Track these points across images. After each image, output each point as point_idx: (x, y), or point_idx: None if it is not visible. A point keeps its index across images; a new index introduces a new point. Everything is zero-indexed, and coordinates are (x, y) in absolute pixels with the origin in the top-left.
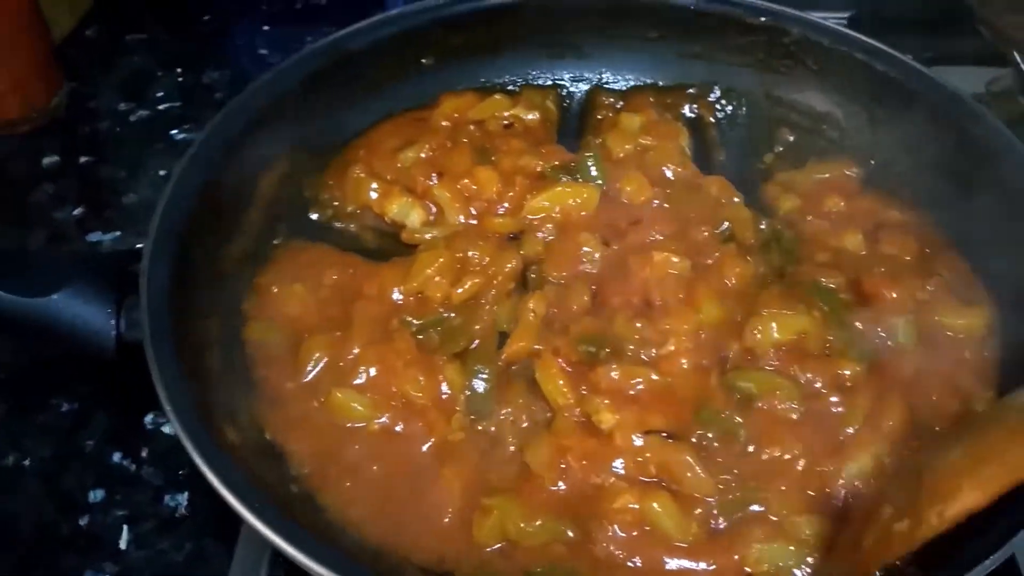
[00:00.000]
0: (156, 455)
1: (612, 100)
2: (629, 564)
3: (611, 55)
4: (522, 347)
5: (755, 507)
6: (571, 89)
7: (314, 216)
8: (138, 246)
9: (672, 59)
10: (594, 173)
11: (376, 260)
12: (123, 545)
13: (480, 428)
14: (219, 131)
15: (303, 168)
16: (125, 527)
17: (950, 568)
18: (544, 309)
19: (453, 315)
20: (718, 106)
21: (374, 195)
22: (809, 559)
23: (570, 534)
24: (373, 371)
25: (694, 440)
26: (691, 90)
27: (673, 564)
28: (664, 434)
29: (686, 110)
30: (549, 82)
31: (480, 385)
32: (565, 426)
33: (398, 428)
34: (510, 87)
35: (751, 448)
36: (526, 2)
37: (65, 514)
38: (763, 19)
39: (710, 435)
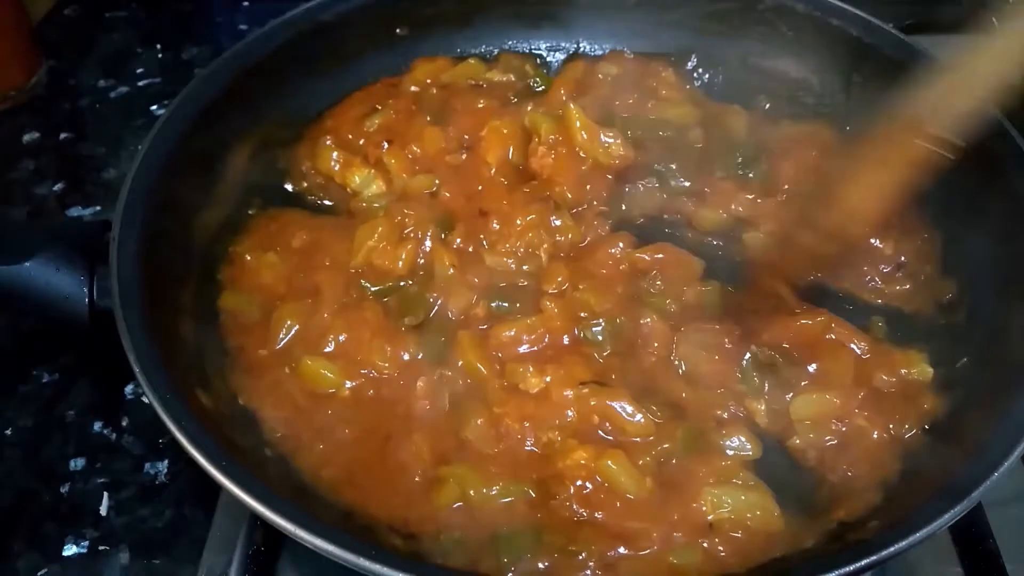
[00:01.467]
0: (136, 424)
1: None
2: (592, 520)
3: (588, 24)
4: (464, 305)
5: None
6: (548, 59)
7: (289, 187)
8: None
9: (649, 27)
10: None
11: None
12: (104, 512)
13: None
14: (189, 101)
15: (278, 139)
16: (106, 494)
17: (911, 521)
18: (456, 258)
19: (409, 283)
20: (695, 74)
21: (336, 166)
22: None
23: (531, 493)
24: (343, 338)
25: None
26: (668, 58)
27: (635, 520)
28: (596, 382)
29: None
30: (526, 51)
31: (441, 354)
32: (496, 396)
33: (369, 393)
34: (487, 57)
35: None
36: None
37: (47, 482)
38: None
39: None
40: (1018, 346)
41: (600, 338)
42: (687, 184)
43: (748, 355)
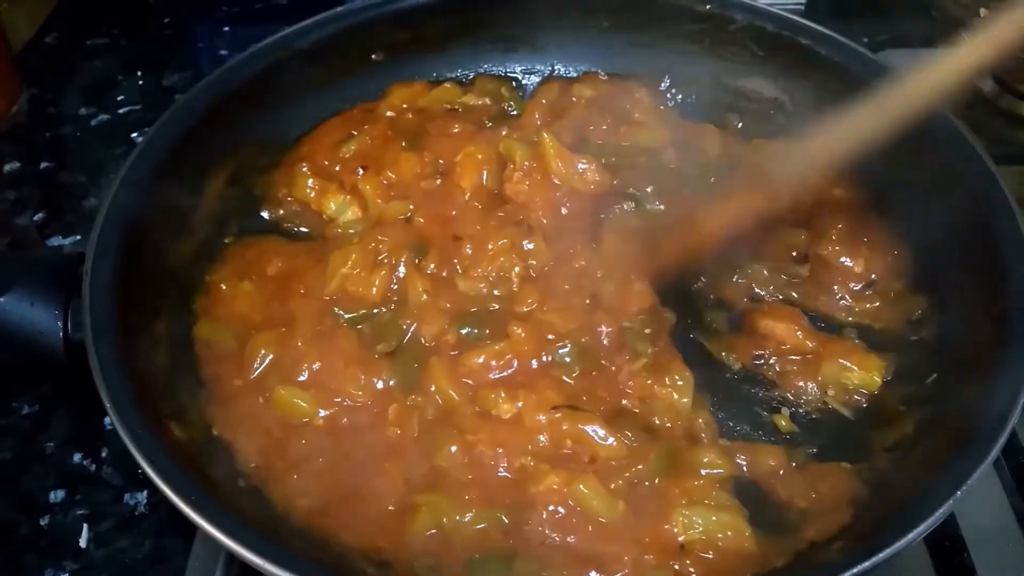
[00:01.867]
0: (116, 455)
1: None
2: (564, 544)
3: (562, 46)
4: (436, 331)
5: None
6: (523, 82)
7: (265, 214)
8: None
9: (623, 48)
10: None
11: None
12: (83, 544)
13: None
14: (166, 129)
15: (254, 166)
16: (85, 526)
17: (878, 540)
18: (429, 284)
19: (383, 310)
20: (669, 94)
21: (312, 193)
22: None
23: (504, 520)
24: (317, 366)
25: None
26: (642, 79)
27: (607, 544)
28: (568, 407)
29: None
30: (501, 74)
31: (413, 381)
32: (469, 422)
33: (342, 422)
34: (463, 81)
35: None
36: None
37: (26, 514)
38: (708, 7)
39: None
40: (986, 362)
41: (568, 360)
42: (662, 207)
43: None
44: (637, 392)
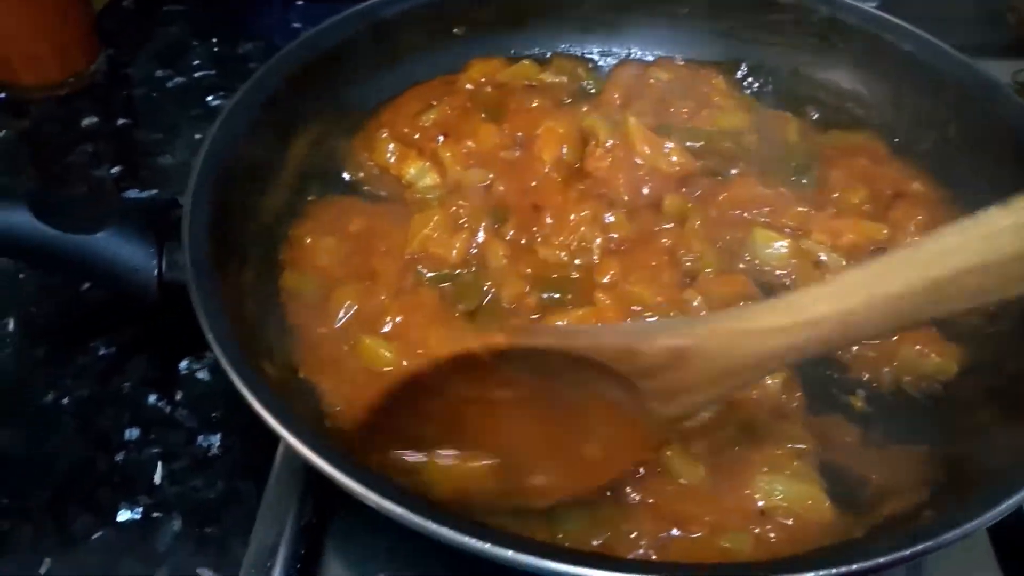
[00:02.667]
0: (190, 399)
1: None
2: (645, 503)
3: (640, 30)
4: (515, 294)
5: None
6: (599, 63)
7: (346, 176)
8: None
9: (701, 35)
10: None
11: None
12: (157, 480)
13: None
14: (253, 93)
15: (336, 130)
16: (159, 463)
17: (966, 509)
18: (508, 250)
19: (464, 271)
20: (745, 83)
21: (392, 158)
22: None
23: None
24: (399, 319)
25: None
26: (718, 66)
27: (686, 504)
28: None
29: None
30: (578, 55)
31: None
32: None
33: None
34: (540, 59)
35: None
36: None
37: (101, 450)
38: None
39: None
40: None
41: None
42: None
43: None
44: None
